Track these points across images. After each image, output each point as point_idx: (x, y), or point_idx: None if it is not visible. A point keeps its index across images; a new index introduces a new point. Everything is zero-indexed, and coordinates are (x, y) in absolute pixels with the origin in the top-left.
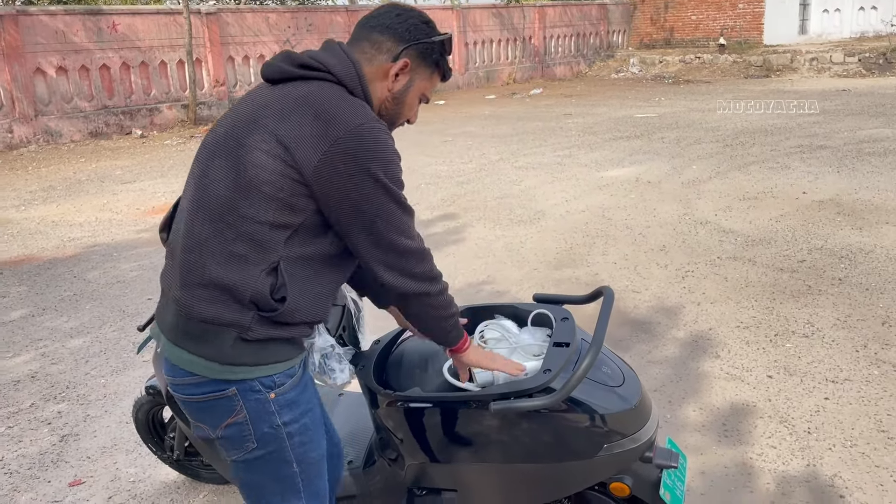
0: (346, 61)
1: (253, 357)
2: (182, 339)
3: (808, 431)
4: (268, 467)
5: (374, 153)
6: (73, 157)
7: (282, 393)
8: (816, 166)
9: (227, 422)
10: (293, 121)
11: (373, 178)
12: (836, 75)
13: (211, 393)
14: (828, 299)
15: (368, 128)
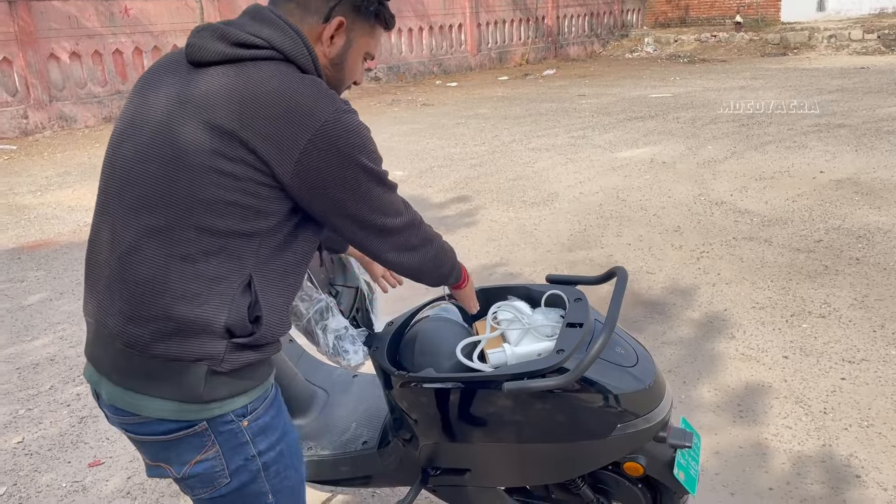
0: (292, 34)
1: (227, 389)
2: (134, 380)
3: (824, 412)
4: (242, 500)
5: (354, 141)
6: (87, 143)
7: (255, 419)
8: (834, 145)
9: (195, 459)
10: (255, 118)
11: (360, 168)
12: (854, 52)
13: (176, 431)
14: (845, 279)
15: (342, 112)
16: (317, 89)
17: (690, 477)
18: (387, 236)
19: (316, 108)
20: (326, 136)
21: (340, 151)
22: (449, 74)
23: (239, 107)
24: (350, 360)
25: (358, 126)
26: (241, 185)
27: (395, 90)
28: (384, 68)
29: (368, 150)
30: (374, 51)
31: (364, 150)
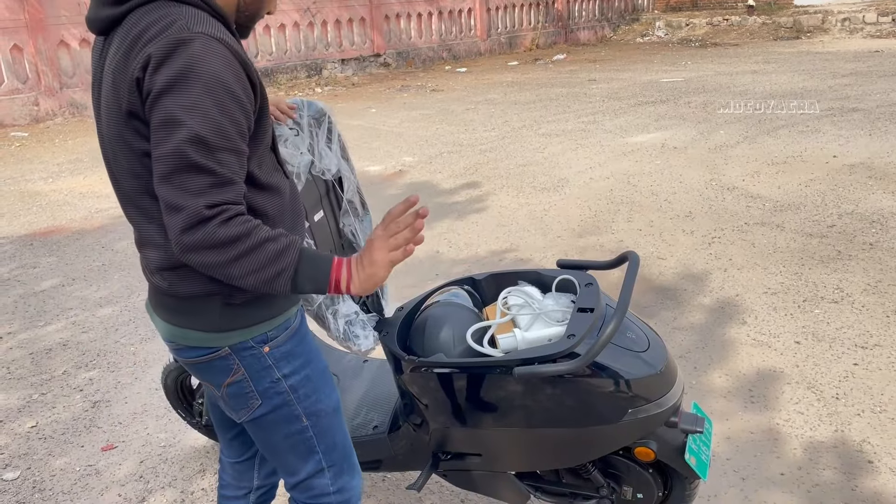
0: None
1: (243, 319)
2: (170, 314)
3: (837, 397)
4: (276, 424)
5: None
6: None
7: (277, 346)
8: (848, 129)
9: (227, 381)
10: (118, 62)
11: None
12: (868, 36)
13: (206, 355)
14: (858, 264)
15: (198, 33)
16: (179, 10)
17: (702, 462)
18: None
19: (170, 23)
20: (167, 46)
21: (164, 82)
22: (458, 60)
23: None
24: (360, 346)
25: (207, 52)
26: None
27: (404, 76)
28: (393, 54)
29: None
30: None
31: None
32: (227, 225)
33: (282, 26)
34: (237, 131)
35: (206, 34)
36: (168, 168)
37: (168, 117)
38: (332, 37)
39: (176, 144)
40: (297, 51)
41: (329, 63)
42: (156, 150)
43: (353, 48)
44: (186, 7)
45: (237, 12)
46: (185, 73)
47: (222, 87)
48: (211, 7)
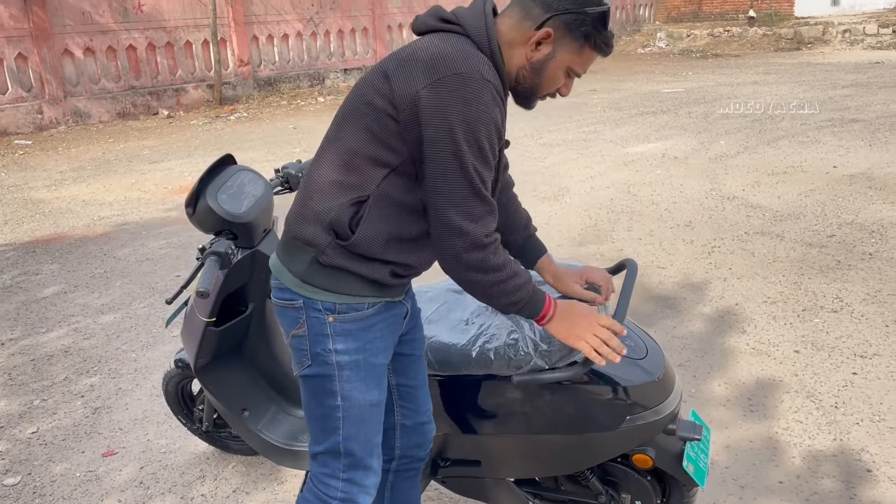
0: (480, 14)
1: (322, 281)
2: (279, 249)
3: (836, 406)
4: (316, 390)
5: (462, 105)
6: (101, 138)
7: (341, 321)
8: (848, 140)
9: (293, 332)
10: (407, 62)
11: (449, 132)
12: (869, 47)
13: (285, 300)
14: (857, 274)
15: (471, 78)
16: (468, 54)
17: (700, 469)
18: (442, 225)
19: (453, 61)
20: (445, 85)
21: (445, 105)
22: None
23: (403, 53)
24: None
25: (480, 97)
26: (377, 116)
27: None
28: None
29: (472, 125)
30: (580, 69)
31: (465, 121)
32: (497, 254)
33: (285, 36)
34: (493, 155)
35: (486, 79)
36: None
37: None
38: (334, 46)
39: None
40: (300, 60)
41: (332, 72)
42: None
43: (355, 58)
44: (477, 51)
45: (516, 80)
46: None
47: (490, 116)
48: (493, 59)
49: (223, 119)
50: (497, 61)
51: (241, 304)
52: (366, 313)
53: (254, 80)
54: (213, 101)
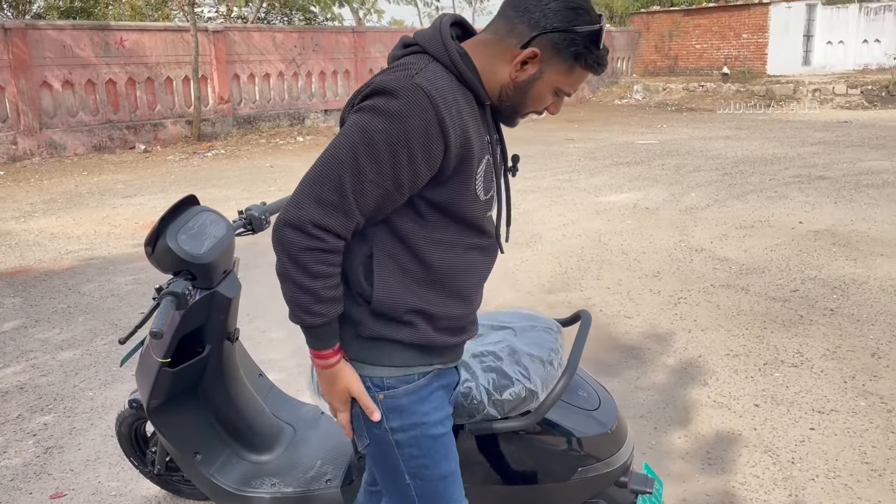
0: (436, 28)
1: (367, 355)
2: None
3: (792, 461)
4: (383, 469)
5: (389, 104)
6: (75, 171)
7: (392, 397)
8: (814, 196)
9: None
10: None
11: (356, 128)
12: (838, 107)
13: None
14: (818, 329)
15: (404, 78)
16: (414, 64)
17: None
18: (290, 199)
19: (387, 73)
20: (385, 81)
21: (362, 105)
22: None
23: None
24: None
25: (403, 104)
26: None
27: None
28: None
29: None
30: (570, 88)
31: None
32: (311, 253)
33: (266, 75)
34: (395, 177)
35: (420, 86)
36: (319, 167)
37: (347, 130)
38: (315, 87)
39: (335, 152)
40: (281, 100)
41: (312, 113)
42: (323, 151)
43: (336, 99)
44: (434, 64)
45: (499, 98)
46: (381, 107)
47: (404, 133)
48: (459, 72)
49: (200, 155)
50: (460, 68)
51: (198, 346)
52: (418, 384)
53: (233, 118)
54: (191, 138)
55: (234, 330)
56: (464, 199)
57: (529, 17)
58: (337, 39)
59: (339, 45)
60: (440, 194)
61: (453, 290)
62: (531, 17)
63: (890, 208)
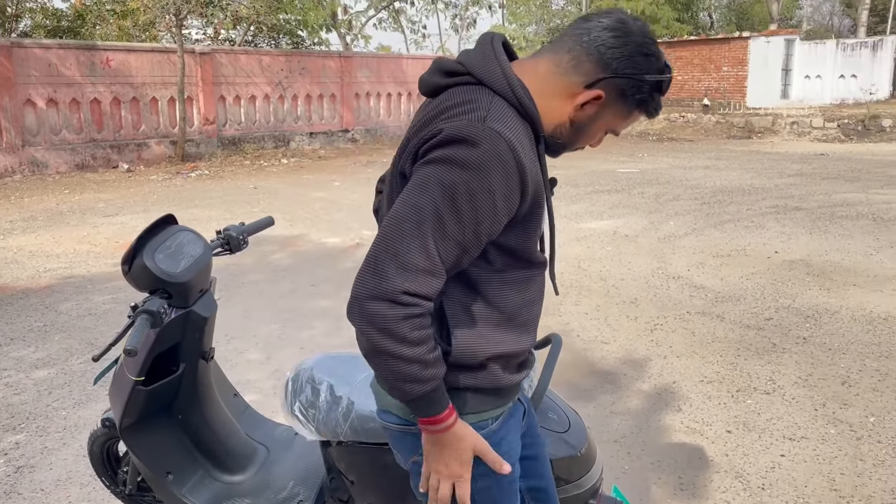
0: (490, 56)
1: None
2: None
3: (762, 487)
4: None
5: (469, 156)
6: (57, 189)
7: None
8: (790, 227)
9: (412, 458)
10: (419, 127)
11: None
12: (815, 139)
13: (402, 425)
14: (791, 357)
15: (480, 124)
16: (479, 100)
17: None
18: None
19: (460, 108)
20: (444, 138)
21: (435, 156)
22: None
23: (418, 122)
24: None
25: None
26: None
27: (371, 152)
28: (362, 130)
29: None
30: (621, 129)
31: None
32: (410, 323)
33: (252, 97)
34: (476, 233)
35: (497, 132)
36: (394, 229)
37: (422, 184)
38: (301, 110)
39: (415, 211)
40: (266, 122)
41: (297, 135)
42: (393, 210)
43: (322, 122)
44: (498, 99)
45: (552, 133)
46: (460, 157)
47: (487, 186)
48: (522, 107)
49: (184, 176)
50: (525, 104)
51: (172, 364)
52: (491, 429)
53: (218, 139)
54: (175, 158)
55: (210, 349)
56: (533, 239)
57: (600, 58)
58: (324, 64)
59: (325, 70)
60: (512, 239)
61: (522, 325)
62: (602, 57)
63: (863, 240)
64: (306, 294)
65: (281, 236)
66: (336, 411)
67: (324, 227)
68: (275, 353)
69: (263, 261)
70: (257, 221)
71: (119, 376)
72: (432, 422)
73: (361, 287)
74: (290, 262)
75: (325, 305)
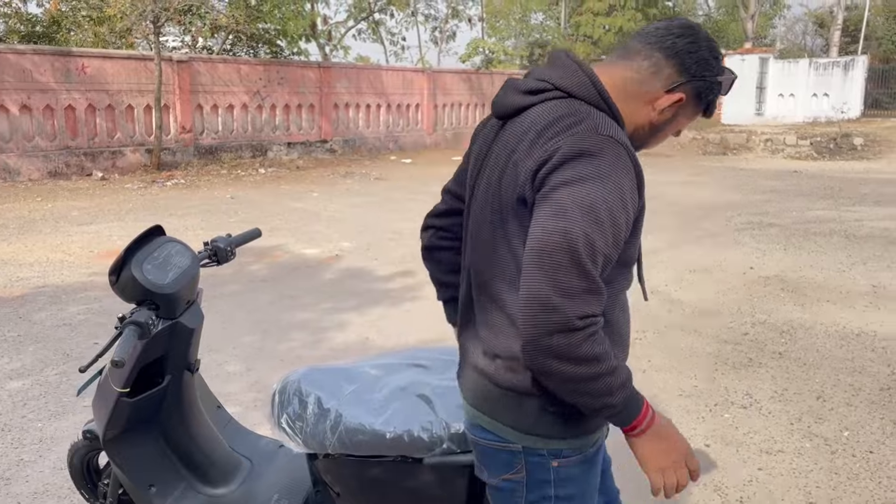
0: (577, 72)
1: (553, 429)
2: (481, 400)
3: (740, 501)
4: None
5: (597, 168)
6: (29, 196)
7: (566, 465)
8: (765, 243)
9: (505, 476)
10: (521, 149)
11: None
12: (788, 157)
13: (497, 442)
14: (767, 372)
15: (602, 141)
16: (589, 112)
17: None
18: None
19: (575, 125)
20: (576, 143)
21: (565, 177)
22: (404, 151)
23: (513, 144)
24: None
25: (608, 161)
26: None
27: (349, 163)
28: (340, 141)
29: (610, 193)
30: (684, 129)
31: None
32: (592, 342)
33: (230, 106)
34: (616, 241)
35: (613, 138)
36: (547, 261)
37: (561, 209)
38: (279, 120)
39: (564, 238)
40: (244, 131)
41: (275, 145)
42: (536, 241)
43: (300, 132)
44: (593, 108)
45: (630, 136)
46: (589, 172)
47: (619, 194)
48: (613, 114)
49: (159, 184)
50: (617, 115)
51: (157, 376)
52: (589, 453)
53: (194, 148)
54: (150, 166)
55: (195, 361)
56: (636, 244)
57: (681, 63)
58: (303, 74)
59: (304, 80)
60: (624, 250)
61: (625, 341)
62: (682, 62)
63: (836, 256)
64: (285, 306)
65: (259, 247)
66: (324, 424)
67: (303, 238)
68: (254, 365)
69: (241, 272)
70: (245, 233)
71: (103, 387)
72: (640, 421)
73: (534, 328)
74: (268, 272)
75: (304, 318)
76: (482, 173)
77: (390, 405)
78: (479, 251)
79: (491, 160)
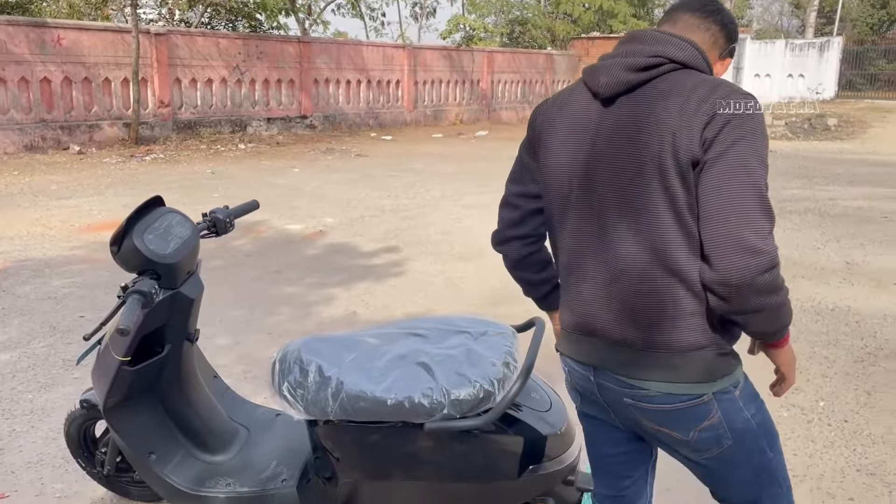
0: (685, 45)
1: (726, 367)
2: (652, 372)
3: None
4: (745, 459)
5: (752, 126)
6: (6, 170)
7: (744, 389)
8: None
9: (701, 425)
10: (671, 115)
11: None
12: None
13: (686, 401)
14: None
15: (749, 98)
16: (711, 76)
17: None
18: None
19: (713, 81)
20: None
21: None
22: (384, 128)
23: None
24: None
25: (758, 113)
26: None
27: (329, 139)
28: (320, 117)
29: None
30: None
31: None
32: (780, 272)
33: (209, 81)
34: None
35: (751, 94)
36: (743, 210)
37: (743, 162)
38: (259, 95)
39: (753, 188)
40: (223, 106)
41: (254, 121)
42: (728, 194)
43: (280, 108)
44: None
45: None
46: (754, 126)
47: (766, 145)
48: None
49: (138, 159)
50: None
51: (157, 346)
52: (743, 375)
53: (173, 122)
54: (128, 141)
55: (195, 330)
56: None
57: (728, 32)
58: (282, 48)
59: (284, 55)
60: None
61: None
62: (728, 30)
63: (810, 234)
64: (270, 280)
65: (243, 222)
66: (325, 391)
67: (285, 214)
68: (243, 339)
69: (225, 247)
70: (243, 205)
71: (104, 356)
72: (787, 339)
73: (744, 270)
74: (252, 248)
75: (290, 291)
76: (598, 151)
77: (391, 373)
78: (620, 230)
79: (616, 135)
